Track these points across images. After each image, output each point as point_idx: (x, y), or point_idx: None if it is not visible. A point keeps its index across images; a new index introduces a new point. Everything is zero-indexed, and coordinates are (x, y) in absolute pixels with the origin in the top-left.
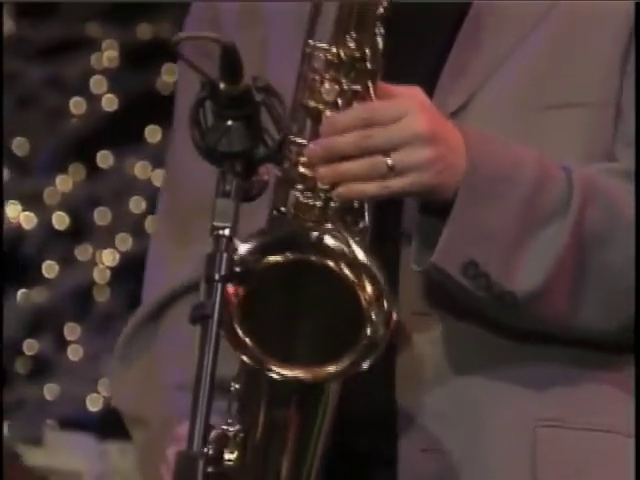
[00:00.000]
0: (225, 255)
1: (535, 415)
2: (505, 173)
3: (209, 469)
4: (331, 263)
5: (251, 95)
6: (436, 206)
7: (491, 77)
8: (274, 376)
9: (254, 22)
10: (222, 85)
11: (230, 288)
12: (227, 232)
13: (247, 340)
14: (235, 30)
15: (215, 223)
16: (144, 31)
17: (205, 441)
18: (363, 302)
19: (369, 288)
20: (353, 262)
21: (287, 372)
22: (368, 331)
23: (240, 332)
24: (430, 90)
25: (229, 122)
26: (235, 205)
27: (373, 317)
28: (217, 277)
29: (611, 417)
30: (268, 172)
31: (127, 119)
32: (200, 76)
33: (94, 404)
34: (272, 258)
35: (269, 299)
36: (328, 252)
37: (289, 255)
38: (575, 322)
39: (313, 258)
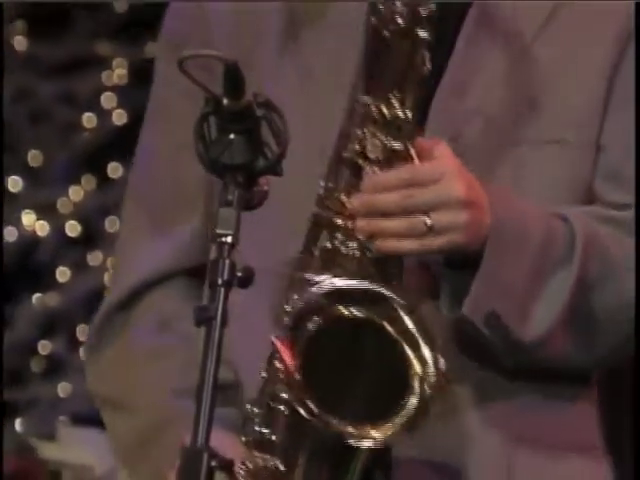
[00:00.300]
0: (227, 261)
1: (511, 436)
2: (522, 229)
3: (212, 463)
4: (390, 329)
5: (252, 110)
6: (460, 259)
7: (476, 112)
8: (335, 432)
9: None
10: (225, 101)
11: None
12: (229, 239)
13: (306, 396)
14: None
15: (218, 231)
16: (152, 50)
17: (208, 437)
18: (416, 361)
19: (419, 366)
20: (412, 337)
21: (345, 429)
22: (421, 394)
23: (301, 387)
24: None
25: (231, 136)
26: (237, 214)
27: (426, 381)
28: (220, 282)
29: (576, 436)
30: (267, 183)
31: (136, 133)
32: (205, 91)
33: None
34: (341, 309)
35: (327, 352)
36: (393, 319)
37: (357, 312)
38: (564, 360)
39: (377, 320)
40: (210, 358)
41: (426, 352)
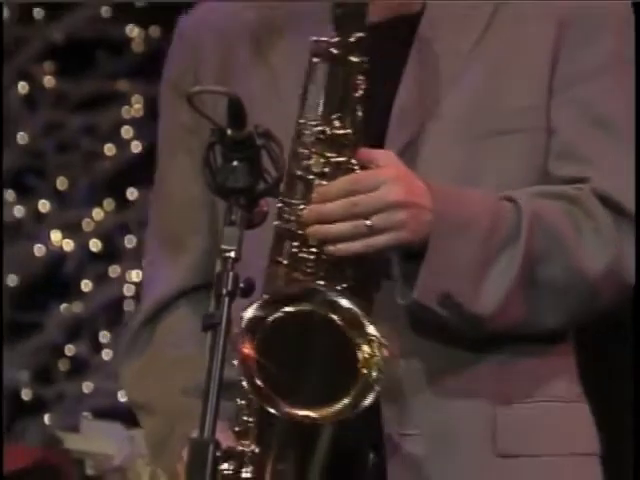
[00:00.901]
0: (231, 274)
1: (492, 398)
2: (466, 218)
3: (218, 453)
4: (335, 317)
5: (253, 140)
6: (412, 253)
7: (436, 110)
8: (286, 416)
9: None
10: (229, 131)
11: (246, 346)
12: (233, 254)
13: (264, 387)
14: (212, 74)
15: (223, 247)
16: None
17: (214, 430)
18: (359, 353)
19: (365, 346)
20: (353, 319)
21: (297, 412)
22: (364, 375)
23: (258, 381)
24: (385, 124)
25: (235, 162)
26: (240, 232)
27: (371, 362)
28: (224, 292)
29: (553, 389)
30: (267, 204)
31: (150, 160)
32: (211, 123)
33: (123, 397)
34: (284, 310)
35: (280, 349)
36: (335, 308)
37: (299, 308)
38: (524, 327)
39: (321, 312)
40: (215, 360)
41: (371, 330)
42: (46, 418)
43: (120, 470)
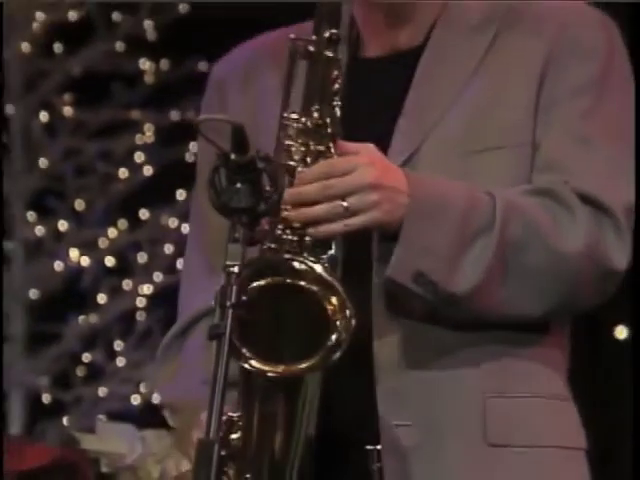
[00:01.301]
0: (235, 287)
1: (482, 389)
2: (439, 202)
3: (222, 452)
4: (303, 283)
5: (255, 164)
6: (390, 234)
7: (435, 128)
8: (263, 373)
9: (248, 89)
10: (233, 156)
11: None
12: (236, 269)
13: (243, 349)
14: (236, 97)
15: (227, 262)
16: (174, 115)
17: (219, 430)
18: (329, 312)
19: (334, 301)
20: (321, 281)
21: (273, 369)
22: (334, 335)
23: (237, 343)
24: (387, 143)
25: (238, 184)
26: (242, 249)
27: (337, 324)
28: (228, 304)
29: (542, 385)
30: (267, 223)
31: (161, 183)
32: (216, 148)
33: (136, 401)
34: (257, 283)
35: (257, 315)
36: (301, 275)
37: (270, 279)
38: (506, 311)
39: (289, 280)
40: (220, 366)
41: (341, 294)
42: (64, 420)
43: (132, 468)
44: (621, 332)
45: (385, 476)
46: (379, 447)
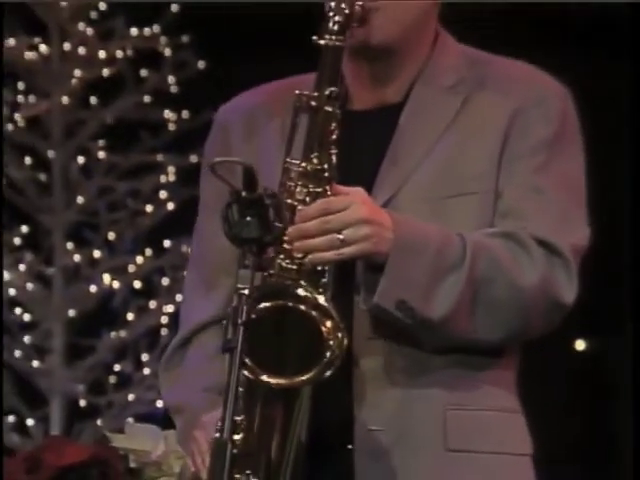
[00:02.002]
0: (245, 307)
1: (444, 403)
2: (419, 241)
3: (234, 451)
4: (303, 307)
5: (263, 200)
6: (375, 265)
7: (411, 176)
8: (266, 383)
9: (251, 135)
10: (244, 193)
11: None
12: (246, 292)
13: (248, 361)
14: (240, 142)
15: (238, 286)
16: (193, 158)
17: (232, 432)
18: (324, 333)
19: (328, 323)
20: (318, 306)
21: (274, 380)
22: (328, 353)
23: (245, 357)
24: (370, 186)
25: (248, 218)
26: (252, 274)
27: (331, 343)
28: (239, 322)
29: (496, 400)
30: (274, 252)
31: (181, 217)
32: (228, 187)
33: (160, 405)
34: (263, 305)
35: (263, 333)
36: (301, 299)
37: (275, 302)
38: (473, 336)
39: (291, 304)
40: (233, 375)
41: (333, 315)
42: (98, 422)
43: (156, 463)
44: (580, 345)
45: (361, 472)
46: (350, 447)
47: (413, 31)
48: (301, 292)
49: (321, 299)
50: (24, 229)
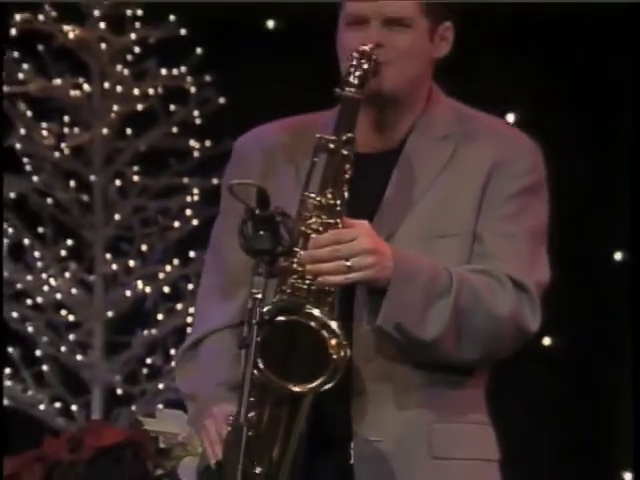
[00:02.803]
0: (258, 310)
1: (428, 419)
2: (414, 270)
3: (249, 433)
4: (313, 324)
5: (274, 217)
6: (376, 290)
7: (406, 217)
8: (277, 389)
9: (269, 174)
10: (257, 211)
11: None
12: (259, 296)
13: (263, 367)
14: (258, 177)
15: (253, 291)
16: (214, 181)
17: (246, 417)
18: (330, 350)
19: (333, 342)
20: (325, 325)
21: (284, 387)
22: (332, 366)
23: (261, 365)
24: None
25: (261, 232)
26: (265, 280)
27: (334, 358)
28: (254, 322)
29: (470, 415)
30: (284, 261)
31: (204, 231)
32: (244, 205)
33: None
34: (278, 319)
35: (276, 344)
36: (312, 318)
37: (289, 318)
38: (457, 355)
39: (302, 320)
40: (247, 367)
41: (339, 335)
42: (133, 408)
43: (183, 444)
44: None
45: (359, 471)
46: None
47: (415, 84)
48: (315, 312)
49: (331, 322)
50: (69, 242)
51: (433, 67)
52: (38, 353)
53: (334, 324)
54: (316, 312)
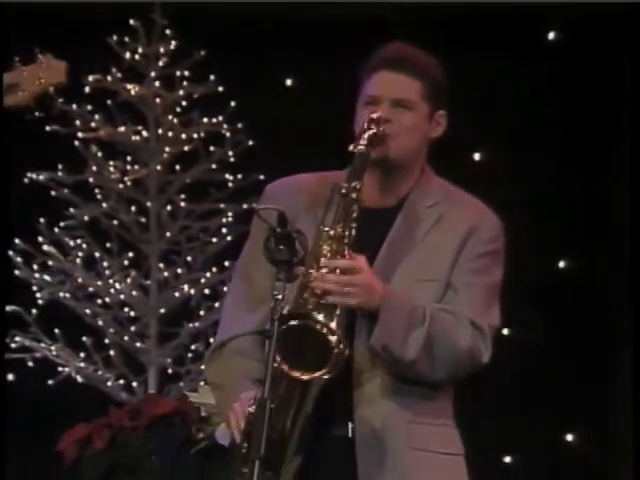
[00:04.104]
0: (279, 307)
1: (406, 419)
2: (398, 302)
3: (272, 406)
4: (318, 326)
5: (291, 234)
6: (366, 312)
7: (399, 265)
8: (290, 376)
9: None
10: (278, 229)
11: None
12: (280, 297)
13: (279, 359)
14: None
15: (274, 292)
16: (245, 206)
17: (269, 394)
18: (331, 346)
19: (333, 340)
20: (327, 326)
21: (296, 375)
22: (332, 359)
23: (278, 358)
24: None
25: (281, 246)
26: (284, 284)
27: (335, 352)
28: (275, 318)
29: (438, 419)
30: (298, 270)
31: (238, 246)
32: (268, 225)
33: None
34: (292, 322)
35: (290, 342)
36: (317, 322)
37: (301, 322)
38: (428, 374)
39: (310, 323)
40: (270, 355)
41: (338, 334)
42: (181, 384)
43: (219, 413)
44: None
45: (360, 445)
46: (351, 426)
47: (413, 154)
48: (319, 317)
49: (332, 323)
50: (130, 255)
51: (428, 146)
52: (106, 341)
53: (333, 324)
54: (320, 317)
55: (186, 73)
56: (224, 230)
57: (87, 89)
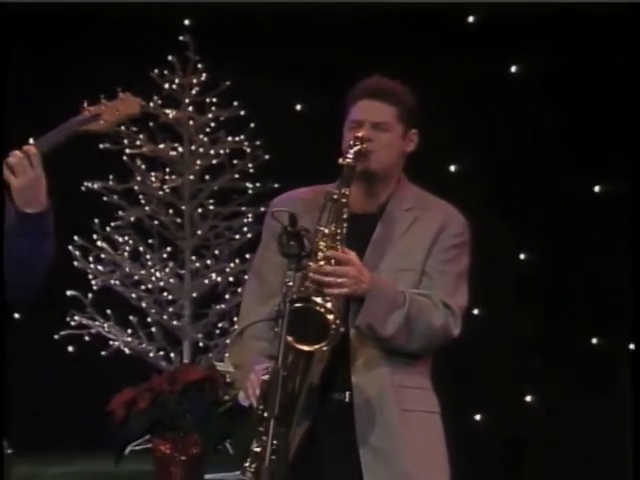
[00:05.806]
0: (291, 291)
1: (395, 383)
2: (382, 289)
3: (284, 373)
4: (317, 307)
5: (300, 232)
6: (354, 298)
7: (383, 259)
8: (297, 348)
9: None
10: (289, 228)
11: None
12: (290, 284)
13: (289, 336)
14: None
15: (286, 280)
16: (262, 209)
17: (283, 365)
18: (329, 323)
19: (331, 317)
20: (325, 307)
21: (301, 347)
22: (331, 333)
23: (287, 333)
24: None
25: (292, 242)
26: (294, 274)
27: (333, 327)
28: (287, 300)
29: (420, 383)
30: (307, 262)
31: (256, 242)
32: (281, 225)
33: None
34: (298, 304)
35: (296, 321)
36: (317, 304)
37: (304, 304)
38: (406, 347)
39: (312, 305)
40: (283, 331)
41: (335, 314)
42: (210, 355)
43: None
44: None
45: (358, 408)
46: (347, 393)
47: (391, 167)
48: (318, 300)
49: (328, 304)
50: (168, 249)
51: (404, 160)
52: (149, 320)
53: (329, 304)
54: (319, 300)
55: (214, 100)
56: (245, 229)
57: None
